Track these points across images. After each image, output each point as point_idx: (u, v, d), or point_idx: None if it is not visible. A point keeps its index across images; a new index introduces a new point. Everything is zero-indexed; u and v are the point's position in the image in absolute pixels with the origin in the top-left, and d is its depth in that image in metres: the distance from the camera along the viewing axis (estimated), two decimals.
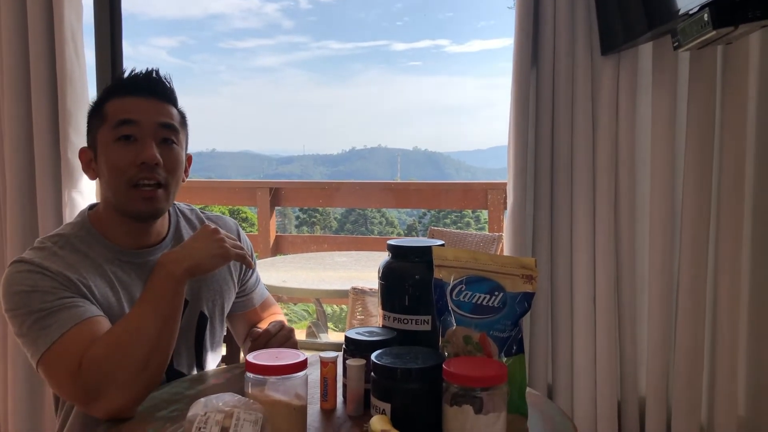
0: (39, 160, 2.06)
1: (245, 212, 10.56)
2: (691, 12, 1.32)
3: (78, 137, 2.06)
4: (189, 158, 1.34)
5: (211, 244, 1.19)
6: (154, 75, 1.26)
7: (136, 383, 1.07)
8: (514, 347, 1.00)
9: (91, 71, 2.16)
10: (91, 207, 1.32)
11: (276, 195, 4.99)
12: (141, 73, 1.26)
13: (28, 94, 2.06)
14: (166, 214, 1.33)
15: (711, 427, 1.83)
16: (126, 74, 1.27)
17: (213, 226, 1.24)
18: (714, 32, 1.25)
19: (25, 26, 2.05)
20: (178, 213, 1.39)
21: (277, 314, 1.54)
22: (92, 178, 1.29)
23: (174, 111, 1.27)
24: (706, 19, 1.25)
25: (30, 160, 2.08)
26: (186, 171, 1.32)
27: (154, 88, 1.25)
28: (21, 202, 2.08)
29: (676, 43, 1.43)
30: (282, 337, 1.27)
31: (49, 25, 2.03)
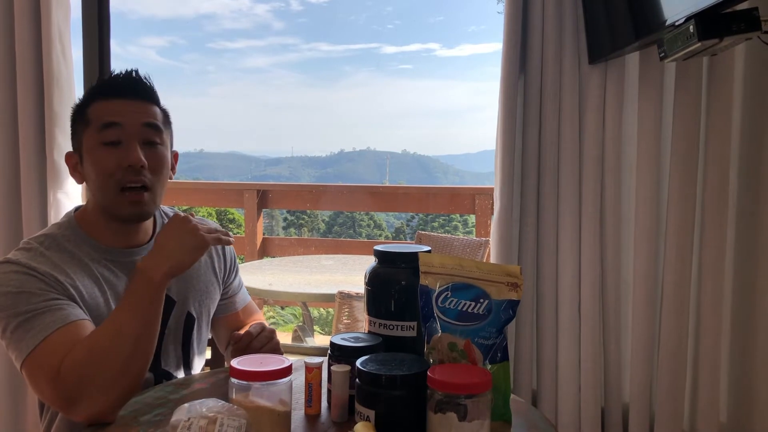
0: (25, 161, 2.04)
1: (232, 214, 10.54)
2: (677, 23, 1.33)
3: (65, 138, 2.04)
4: (175, 155, 1.34)
5: (185, 237, 1.16)
6: (134, 75, 1.26)
7: (115, 388, 1.06)
8: (499, 354, 1.00)
9: (79, 70, 2.15)
10: (77, 208, 1.31)
11: (263, 197, 4.98)
12: (121, 74, 1.26)
13: (14, 94, 2.05)
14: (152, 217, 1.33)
15: None
16: (108, 77, 1.27)
17: (184, 215, 1.21)
18: (699, 44, 1.26)
19: (11, 26, 2.03)
20: (163, 215, 1.39)
21: (259, 321, 1.54)
22: (79, 182, 1.29)
23: (156, 110, 1.27)
24: (691, 30, 1.26)
25: (15, 161, 2.06)
26: (173, 168, 1.32)
27: (135, 88, 1.25)
28: (6, 203, 2.06)
29: (662, 54, 1.44)
30: (264, 338, 1.26)
31: (36, 26, 2.02)
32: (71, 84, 2.08)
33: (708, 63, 1.77)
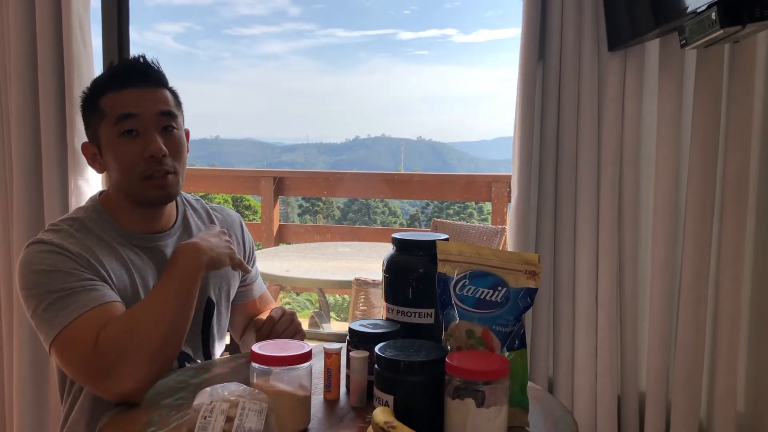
0: (46, 148, 2.06)
1: (249, 200, 10.60)
2: (698, 10, 1.32)
3: None
4: (187, 133, 1.35)
5: (222, 244, 1.27)
6: (142, 61, 1.27)
7: (151, 364, 1.08)
8: (516, 342, 1.01)
9: (98, 57, 2.16)
10: (101, 193, 1.33)
11: (280, 184, 4.99)
12: (129, 62, 1.28)
13: (36, 81, 2.07)
14: (174, 202, 1.35)
15: (710, 423, 1.84)
16: (116, 66, 1.29)
17: (218, 228, 1.33)
18: (721, 31, 1.25)
19: (32, 14, 2.05)
20: (185, 202, 1.40)
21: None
22: (99, 172, 1.31)
23: (168, 94, 1.28)
24: (713, 17, 1.25)
25: (37, 148, 2.09)
26: (186, 147, 1.33)
27: (145, 75, 1.26)
28: (27, 190, 2.09)
29: (684, 41, 1.43)
30: (285, 321, 1.30)
31: (57, 13, 2.04)
32: (91, 71, 2.09)
33: (729, 50, 1.75)
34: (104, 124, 1.23)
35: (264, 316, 1.44)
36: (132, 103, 1.22)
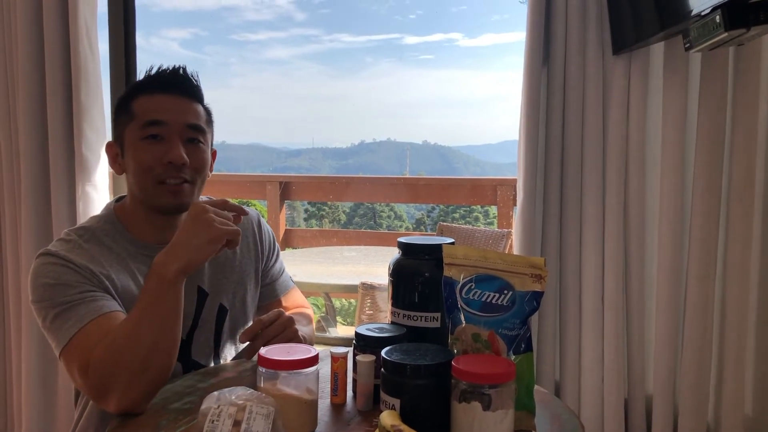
0: (53, 153, 2.08)
1: (255, 205, 10.61)
2: (703, 13, 1.32)
3: (92, 131, 2.08)
4: (213, 153, 1.34)
5: (199, 231, 1.10)
6: (181, 72, 1.27)
7: (139, 385, 1.06)
8: (523, 345, 1.01)
9: (105, 64, 2.18)
10: (118, 199, 1.33)
11: (286, 189, 5.01)
12: (168, 69, 1.27)
13: (43, 88, 2.08)
14: None
15: (718, 427, 1.84)
16: (154, 71, 1.27)
17: (201, 204, 1.14)
18: (726, 34, 1.25)
19: (40, 20, 2.06)
20: None
21: (303, 307, 1.51)
22: (119, 173, 1.30)
23: (200, 109, 1.28)
24: (718, 20, 1.25)
25: (44, 153, 2.10)
26: (210, 167, 1.33)
27: (181, 86, 1.26)
28: (35, 196, 2.10)
29: (688, 44, 1.43)
30: (279, 325, 1.20)
31: (64, 20, 2.05)
32: (98, 78, 2.11)
33: (734, 53, 1.75)
34: (132, 125, 1.23)
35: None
36: (161, 109, 1.22)
